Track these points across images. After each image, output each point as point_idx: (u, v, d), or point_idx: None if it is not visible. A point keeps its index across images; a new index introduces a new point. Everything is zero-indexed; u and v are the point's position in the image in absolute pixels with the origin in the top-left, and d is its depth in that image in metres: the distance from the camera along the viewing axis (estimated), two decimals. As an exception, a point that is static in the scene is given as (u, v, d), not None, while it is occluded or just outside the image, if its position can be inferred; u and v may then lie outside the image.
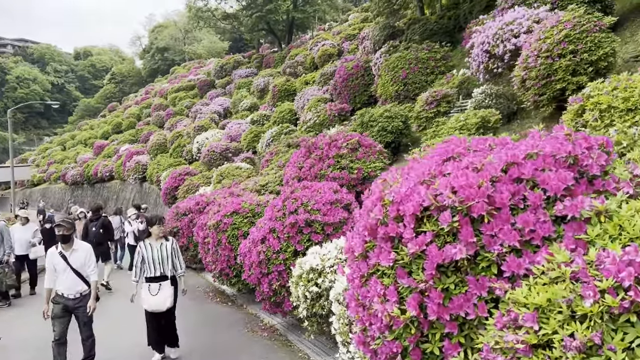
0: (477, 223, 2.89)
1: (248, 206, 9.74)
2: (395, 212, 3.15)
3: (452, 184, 2.96)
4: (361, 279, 3.39)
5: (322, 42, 31.30)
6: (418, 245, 2.92)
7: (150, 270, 6.89)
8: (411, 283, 2.94)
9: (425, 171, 3.23)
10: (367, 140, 9.96)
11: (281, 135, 20.92)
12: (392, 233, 3.11)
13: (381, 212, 3.19)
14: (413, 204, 3.03)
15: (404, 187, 3.23)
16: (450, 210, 2.89)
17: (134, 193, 31.55)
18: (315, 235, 7.17)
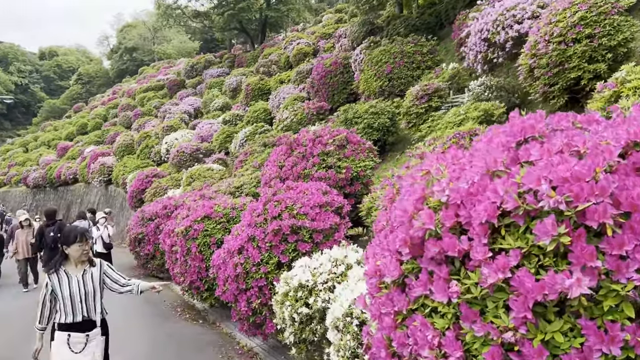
0: (592, 236, 1.85)
1: (222, 210, 8.60)
2: (452, 220, 2.08)
3: (548, 175, 1.91)
4: (396, 318, 2.31)
5: (296, 40, 30.25)
6: (500, 271, 1.86)
7: (68, 313, 4.39)
8: (488, 330, 1.88)
9: (493, 158, 2.16)
10: (355, 137, 8.92)
11: (256, 135, 19.74)
12: (450, 251, 2.04)
13: (432, 220, 2.12)
14: (485, 207, 1.97)
15: (463, 182, 2.16)
16: (554, 215, 1.83)
17: (99, 196, 29.90)
18: (303, 244, 6.08)
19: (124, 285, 4.85)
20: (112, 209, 26.81)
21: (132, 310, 9.57)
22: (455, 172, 2.41)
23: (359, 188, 8.33)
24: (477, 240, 1.99)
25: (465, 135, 5.22)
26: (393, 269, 2.29)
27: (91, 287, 4.50)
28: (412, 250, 2.24)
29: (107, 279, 4.74)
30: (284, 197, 6.50)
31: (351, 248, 5.58)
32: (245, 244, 6.31)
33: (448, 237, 2.06)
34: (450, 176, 2.35)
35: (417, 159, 5.27)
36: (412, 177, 2.58)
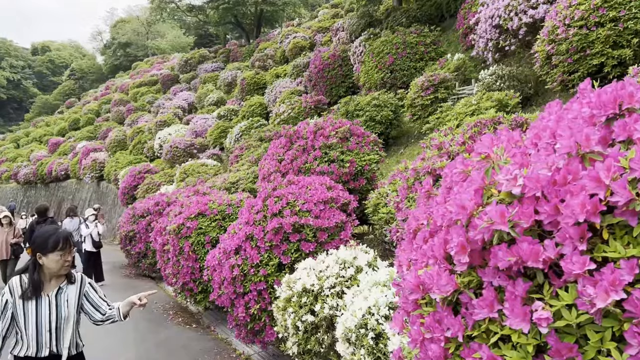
0: None
1: (217, 207, 8.04)
2: (530, 218, 1.54)
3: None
4: (447, 346, 1.77)
5: (293, 34, 29.66)
6: (613, 290, 1.33)
7: (30, 345, 3.22)
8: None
9: (584, 135, 1.61)
10: (359, 129, 8.36)
11: (251, 130, 19.19)
12: (531, 261, 1.49)
13: (503, 218, 1.57)
14: (583, 201, 1.42)
15: (541, 167, 1.61)
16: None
17: (91, 193, 29.24)
18: (306, 244, 5.53)
19: (106, 317, 3.67)
20: (104, 206, 26.21)
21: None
22: (517, 157, 1.86)
23: (364, 183, 7.79)
24: (569, 246, 1.45)
25: (487, 123, 4.70)
26: (445, 283, 1.74)
27: (65, 311, 3.36)
28: (472, 258, 1.70)
29: (87, 303, 3.58)
30: (285, 192, 5.94)
31: (360, 248, 5.04)
32: (242, 244, 5.75)
33: (527, 242, 1.51)
34: (513, 162, 1.81)
35: (434, 150, 4.75)
36: (462, 163, 2.03)
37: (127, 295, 4.24)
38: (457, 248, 1.70)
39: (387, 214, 6.30)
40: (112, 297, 9.91)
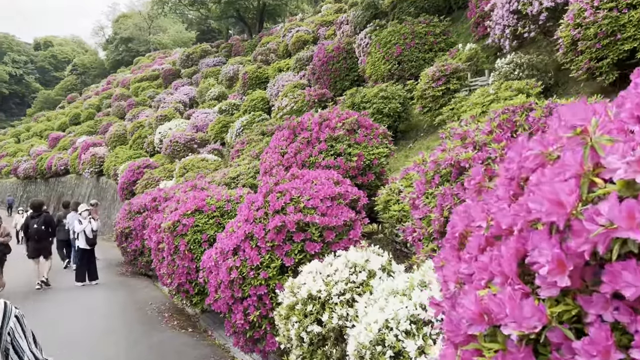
0: None
1: (215, 203, 7.50)
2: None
3: None
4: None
5: (296, 28, 29.07)
6: None
7: None
8: None
9: None
10: (367, 121, 7.81)
11: (253, 124, 18.63)
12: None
13: (632, 220, 1.02)
14: None
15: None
16: None
17: (90, 188, 28.73)
18: (311, 244, 4.98)
19: None
20: (103, 202, 25.73)
21: (113, 316, 8.50)
22: (613, 132, 1.31)
23: (372, 178, 7.24)
24: None
25: (517, 110, 4.14)
26: (530, 315, 1.18)
27: None
28: (574, 279, 1.14)
29: (9, 346, 2.23)
30: (288, 187, 5.40)
31: (372, 250, 4.49)
32: (241, 244, 5.21)
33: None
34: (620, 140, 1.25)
35: (456, 140, 4.20)
36: (539, 143, 1.47)
37: (121, 294, 3.65)
38: (551, 264, 1.14)
39: (400, 212, 5.76)
40: (106, 296, 9.47)
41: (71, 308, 9.03)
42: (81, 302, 9.53)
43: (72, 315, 8.51)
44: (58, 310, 7.99)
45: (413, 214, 4.69)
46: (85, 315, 8.50)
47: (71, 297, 10.05)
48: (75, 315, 8.52)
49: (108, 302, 9.42)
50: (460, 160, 3.89)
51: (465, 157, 3.85)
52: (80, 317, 8.37)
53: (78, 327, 7.73)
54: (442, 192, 3.94)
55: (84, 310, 8.86)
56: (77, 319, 8.26)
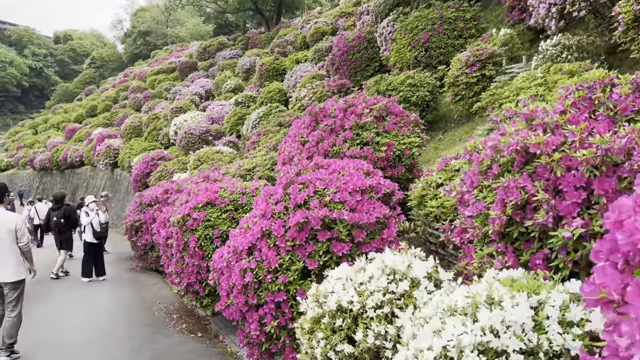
0: None
1: (228, 195, 6.79)
2: None
3: None
4: None
5: (314, 20, 28.27)
6: None
7: None
8: None
9: None
10: (397, 107, 7.03)
11: (270, 116, 17.92)
12: None
13: None
14: None
15: None
16: None
17: (105, 180, 28.26)
18: (338, 244, 4.24)
19: None
20: (117, 194, 25.25)
21: (118, 316, 7.83)
22: None
23: (402, 171, 6.47)
24: None
25: (595, 85, 3.37)
26: None
27: None
28: None
29: None
30: (312, 178, 4.65)
31: (413, 253, 3.74)
32: (257, 242, 4.48)
33: None
34: None
35: (521, 122, 3.43)
36: None
37: (128, 292, 2.99)
38: None
39: (438, 208, 4.99)
40: (113, 293, 8.75)
41: (73, 307, 8.37)
42: (84, 300, 8.88)
43: (72, 315, 7.86)
44: (57, 309, 7.34)
45: (462, 211, 3.92)
46: (88, 315, 7.85)
47: (74, 293, 9.39)
48: (76, 315, 7.87)
49: (113, 301, 8.76)
50: (529, 145, 3.11)
51: (535, 142, 3.07)
52: (81, 317, 7.72)
53: (78, 329, 7.08)
54: (504, 185, 3.17)
55: (87, 309, 8.21)
56: (78, 319, 7.61)
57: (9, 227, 5.95)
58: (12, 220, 6.04)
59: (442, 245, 5.44)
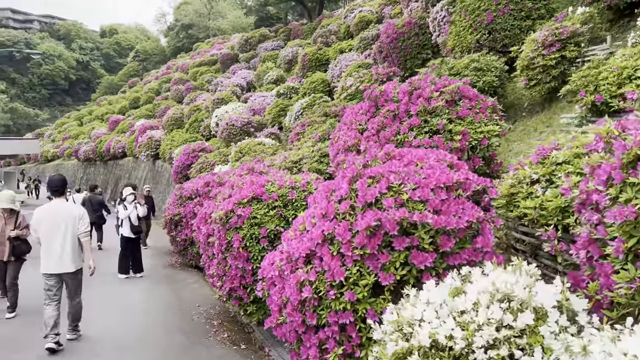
0: None
1: (277, 190, 5.98)
2: None
3: None
4: None
5: (358, 9, 27.27)
6: None
7: None
8: None
9: None
10: (471, 90, 6.06)
11: (314, 106, 17.10)
12: None
13: None
14: None
15: None
16: None
17: (147, 172, 28.05)
18: (420, 254, 3.36)
19: None
20: (159, 185, 24.93)
21: (154, 320, 7.15)
22: None
23: (480, 164, 5.52)
24: None
25: None
26: None
27: None
28: None
29: None
30: (383, 171, 3.77)
31: (527, 270, 2.82)
32: (317, 249, 3.64)
33: None
34: None
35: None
36: None
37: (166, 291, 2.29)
38: None
39: (535, 210, 4.03)
40: (149, 293, 7.84)
41: (106, 306, 7.73)
42: (119, 299, 8.25)
43: (105, 316, 7.22)
44: (89, 307, 6.71)
45: (588, 217, 2.98)
46: (121, 318, 7.19)
47: (109, 291, 8.77)
48: (108, 316, 7.23)
49: (150, 302, 8.11)
50: None
51: None
52: (114, 320, 7.08)
53: (109, 334, 6.43)
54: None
55: (121, 311, 7.55)
56: (110, 322, 6.97)
57: (72, 216, 6.12)
58: (75, 210, 6.25)
59: (533, 254, 4.49)
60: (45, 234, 5.97)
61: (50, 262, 5.96)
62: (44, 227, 6.01)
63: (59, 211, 6.07)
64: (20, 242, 7.41)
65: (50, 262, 5.97)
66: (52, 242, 5.94)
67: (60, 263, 5.97)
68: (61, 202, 6.20)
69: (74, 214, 6.13)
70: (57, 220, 6.01)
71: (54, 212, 6.08)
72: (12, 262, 7.38)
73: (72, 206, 6.46)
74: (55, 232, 5.96)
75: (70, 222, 6.06)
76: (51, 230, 5.96)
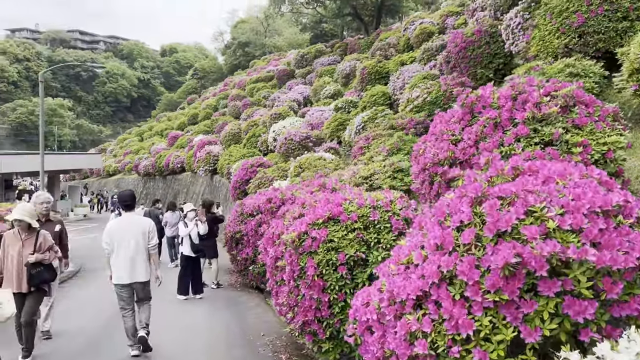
0: None
1: (356, 209, 5.20)
2: None
3: None
4: None
5: (418, 20, 26.40)
6: None
7: None
8: None
9: None
10: (586, 95, 5.11)
11: (375, 120, 16.32)
12: None
13: None
14: None
15: None
16: None
17: (204, 187, 27.94)
18: (576, 302, 2.48)
19: None
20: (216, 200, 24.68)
21: (215, 351, 6.45)
22: None
23: (604, 181, 4.54)
24: None
25: None
26: None
27: None
28: None
29: None
30: (517, 189, 2.92)
31: None
32: (432, 290, 2.82)
33: None
34: None
35: None
36: None
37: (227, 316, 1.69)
38: None
39: None
40: (209, 317, 6.95)
41: (162, 331, 7.12)
42: (177, 324, 7.64)
43: (162, 343, 6.60)
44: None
45: None
46: (179, 347, 6.56)
47: (166, 314, 8.19)
48: (165, 344, 6.61)
49: (210, 328, 7.46)
50: None
51: None
52: (171, 348, 6.45)
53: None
54: None
55: (179, 338, 6.93)
56: (167, 351, 6.34)
57: (142, 230, 6.43)
58: (144, 224, 6.54)
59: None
60: (117, 247, 6.27)
61: (123, 273, 6.26)
62: (116, 240, 6.30)
63: (130, 225, 6.39)
64: (42, 268, 6.08)
65: (122, 274, 6.27)
66: (123, 254, 6.25)
67: (132, 274, 6.27)
68: (132, 216, 6.57)
69: (144, 228, 6.44)
70: (128, 234, 6.31)
71: (125, 225, 6.40)
72: (32, 294, 6.07)
73: (142, 220, 6.71)
74: (126, 245, 6.26)
75: (141, 236, 6.38)
76: (122, 243, 6.26)
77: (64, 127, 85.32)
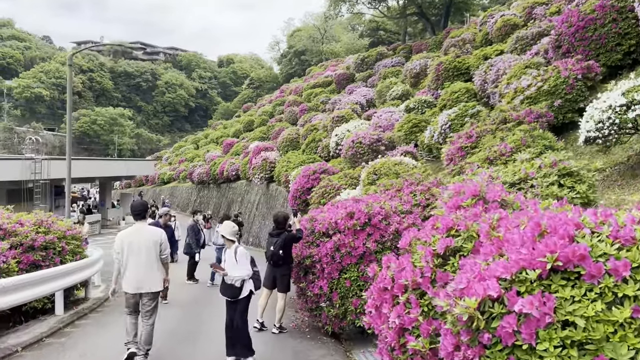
0: None
1: (610, 247, 2.23)
2: None
3: None
4: None
5: (499, 13, 23.21)
6: None
7: None
8: None
9: None
10: None
11: (465, 117, 13.34)
12: None
13: None
14: None
15: None
16: None
17: (260, 195, 25.50)
18: None
19: None
20: (271, 211, 22.08)
21: None
22: None
23: None
24: None
25: None
26: None
27: None
28: None
29: None
30: None
31: None
32: None
33: None
34: None
35: None
36: None
37: None
38: None
39: None
40: None
41: None
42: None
43: None
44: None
45: None
46: None
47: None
48: None
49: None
50: None
51: None
52: None
53: None
54: None
55: None
56: None
57: (154, 240, 6.25)
58: (157, 234, 6.35)
59: None
60: (127, 256, 6.11)
61: (132, 282, 6.11)
62: (126, 249, 6.13)
63: (140, 235, 6.21)
64: None
65: (131, 283, 6.11)
66: (133, 264, 6.09)
67: (140, 284, 6.11)
68: (143, 226, 6.35)
69: (155, 238, 6.25)
70: (139, 244, 6.14)
71: (135, 235, 6.23)
72: None
73: (153, 230, 6.46)
74: (136, 254, 6.10)
75: (152, 246, 6.19)
76: (132, 253, 6.11)
77: (124, 136, 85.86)
